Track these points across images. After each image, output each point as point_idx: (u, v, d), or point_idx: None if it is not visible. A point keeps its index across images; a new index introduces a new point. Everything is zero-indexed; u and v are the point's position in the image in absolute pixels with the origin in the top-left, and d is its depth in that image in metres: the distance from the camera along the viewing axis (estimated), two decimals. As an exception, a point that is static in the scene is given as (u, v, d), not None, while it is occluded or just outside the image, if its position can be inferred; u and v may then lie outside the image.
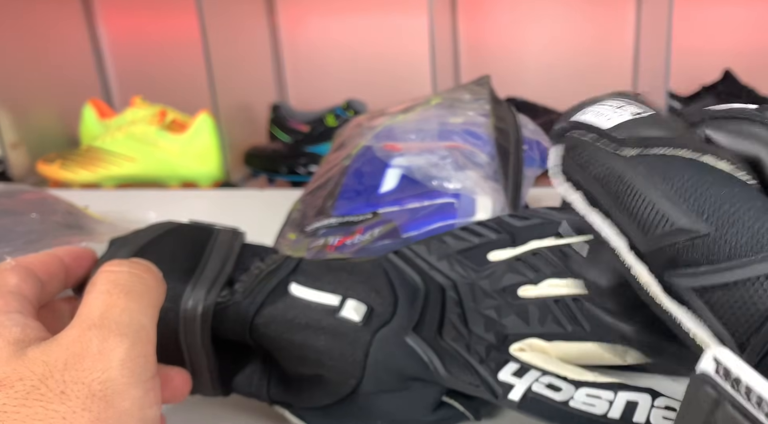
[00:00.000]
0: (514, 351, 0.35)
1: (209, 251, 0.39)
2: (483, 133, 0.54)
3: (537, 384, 0.32)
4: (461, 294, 0.38)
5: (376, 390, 0.35)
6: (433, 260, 0.40)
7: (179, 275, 0.36)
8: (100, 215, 0.64)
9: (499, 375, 0.33)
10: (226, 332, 0.36)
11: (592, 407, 0.31)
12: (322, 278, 0.38)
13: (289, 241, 0.53)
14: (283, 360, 0.36)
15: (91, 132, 1.38)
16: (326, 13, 1.55)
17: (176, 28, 1.59)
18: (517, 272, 0.39)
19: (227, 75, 1.32)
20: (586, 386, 0.32)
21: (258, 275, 0.38)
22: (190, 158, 1.31)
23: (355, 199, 0.53)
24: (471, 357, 0.34)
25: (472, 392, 0.33)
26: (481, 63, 1.49)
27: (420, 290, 0.39)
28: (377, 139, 0.57)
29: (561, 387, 0.32)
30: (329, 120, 1.34)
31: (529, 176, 0.54)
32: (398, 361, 0.34)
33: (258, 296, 0.37)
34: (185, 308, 0.35)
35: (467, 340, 0.35)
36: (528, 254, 0.39)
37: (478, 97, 0.61)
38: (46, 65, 1.46)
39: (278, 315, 0.36)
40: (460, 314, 0.37)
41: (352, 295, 0.37)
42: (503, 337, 0.35)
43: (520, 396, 0.32)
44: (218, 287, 0.36)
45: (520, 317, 0.36)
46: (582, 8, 1.44)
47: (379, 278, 0.39)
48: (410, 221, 0.49)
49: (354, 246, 0.49)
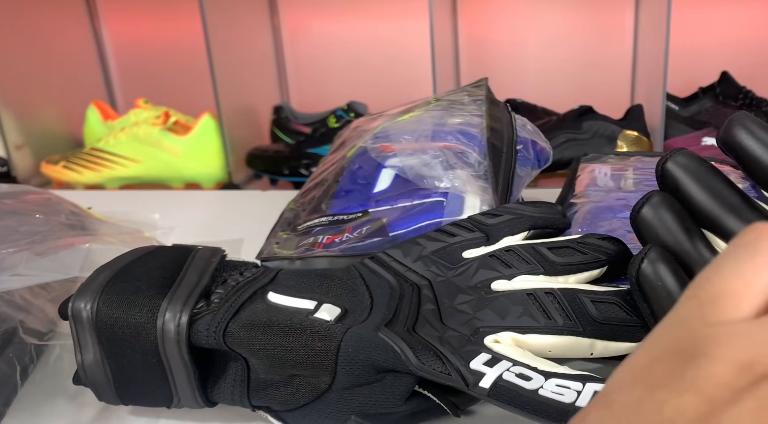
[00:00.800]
0: (488, 343, 0.35)
1: (186, 267, 0.40)
2: (476, 133, 0.55)
3: (508, 373, 0.33)
4: (436, 292, 0.39)
5: (349, 385, 0.35)
6: (408, 262, 0.41)
7: (156, 291, 0.38)
8: (104, 216, 0.65)
9: (470, 364, 0.33)
10: (202, 341, 0.37)
11: (560, 396, 0.31)
12: (298, 287, 0.40)
13: (281, 239, 0.54)
14: (259, 364, 0.37)
15: (94, 133, 1.39)
16: (328, 15, 1.56)
17: (179, 30, 1.60)
18: (490, 268, 0.39)
19: (230, 77, 1.33)
20: (555, 376, 0.32)
21: (235, 286, 0.39)
22: (193, 160, 1.32)
23: (348, 198, 0.54)
24: (443, 348, 0.35)
25: (444, 380, 0.33)
26: (482, 65, 1.50)
27: (395, 290, 0.39)
28: (373, 141, 0.58)
29: (531, 377, 0.32)
30: (331, 122, 1.34)
31: (523, 176, 0.54)
32: (369, 353, 0.35)
33: (234, 305, 0.38)
34: (162, 321, 0.36)
35: (441, 333, 0.36)
36: (501, 250, 0.40)
37: (476, 98, 0.61)
38: (50, 67, 1.46)
39: (253, 319, 0.37)
40: (434, 310, 0.38)
41: (327, 300, 0.38)
42: (477, 330, 0.36)
43: (491, 384, 0.32)
44: (194, 298, 0.38)
45: (494, 311, 0.37)
46: (581, 10, 1.44)
47: (355, 283, 0.40)
48: (398, 219, 0.50)
49: (342, 244, 0.49)
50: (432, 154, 0.53)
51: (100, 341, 0.37)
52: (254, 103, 1.47)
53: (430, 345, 0.35)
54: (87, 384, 0.39)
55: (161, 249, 0.43)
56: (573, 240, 0.41)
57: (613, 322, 0.36)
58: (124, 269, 0.40)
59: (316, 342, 0.35)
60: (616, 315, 0.36)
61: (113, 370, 0.38)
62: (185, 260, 0.41)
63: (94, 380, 0.38)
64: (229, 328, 0.36)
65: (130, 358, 0.37)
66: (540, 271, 0.39)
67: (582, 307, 0.36)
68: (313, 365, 0.35)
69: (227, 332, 0.36)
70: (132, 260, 0.41)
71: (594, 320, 0.36)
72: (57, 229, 0.54)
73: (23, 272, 0.45)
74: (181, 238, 0.67)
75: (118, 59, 1.65)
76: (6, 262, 0.45)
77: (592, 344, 0.35)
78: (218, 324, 0.37)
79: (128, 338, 0.37)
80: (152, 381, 0.38)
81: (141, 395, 0.39)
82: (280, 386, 0.37)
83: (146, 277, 0.39)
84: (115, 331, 0.37)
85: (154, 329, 0.36)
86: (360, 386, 0.35)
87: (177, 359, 0.37)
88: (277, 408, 0.37)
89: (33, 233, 0.51)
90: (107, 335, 0.37)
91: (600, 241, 0.40)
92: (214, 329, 0.36)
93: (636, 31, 1.42)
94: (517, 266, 0.39)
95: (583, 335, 0.35)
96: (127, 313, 0.37)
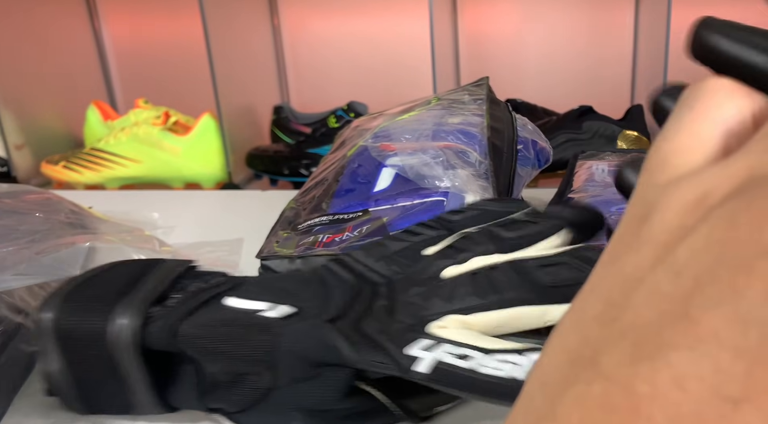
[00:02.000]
0: (433, 329, 0.34)
1: (148, 276, 0.41)
2: (477, 133, 0.55)
3: (446, 355, 0.32)
4: (395, 289, 0.39)
5: (290, 381, 0.35)
6: (371, 262, 0.41)
7: (113, 297, 0.39)
8: (104, 215, 0.65)
9: (408, 351, 0.33)
10: (154, 343, 0.37)
11: (500, 371, 0.31)
12: (259, 291, 0.40)
13: (281, 238, 0.54)
14: (208, 363, 0.37)
15: (94, 133, 1.39)
16: (328, 15, 1.56)
17: (179, 30, 1.60)
18: (446, 257, 0.39)
19: (230, 77, 1.33)
20: (496, 352, 0.32)
21: (194, 292, 0.40)
22: (194, 160, 1.32)
23: (349, 197, 0.54)
24: (382, 338, 0.34)
25: (380, 369, 0.33)
26: (482, 65, 1.50)
27: (352, 290, 0.40)
28: (374, 140, 0.58)
29: (471, 356, 0.32)
30: (331, 122, 1.34)
31: (523, 175, 0.54)
32: (306, 346, 0.35)
33: (187, 307, 0.38)
34: (115, 324, 0.37)
35: (385, 326, 0.36)
36: (458, 239, 0.40)
37: (476, 97, 0.61)
38: (50, 67, 1.46)
39: (203, 320, 0.37)
40: (385, 305, 0.38)
41: (284, 302, 0.39)
42: (422, 318, 0.35)
43: (429, 367, 0.32)
44: (148, 302, 0.38)
45: (441, 298, 0.36)
46: (581, 10, 1.44)
47: (314, 285, 0.41)
48: (399, 218, 0.50)
49: (343, 243, 0.49)
50: (432, 153, 0.53)
51: (62, 350, 0.38)
52: (254, 103, 1.47)
53: (369, 337, 0.34)
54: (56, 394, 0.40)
55: (131, 261, 0.44)
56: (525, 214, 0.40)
57: (565, 283, 0.34)
58: (89, 279, 0.41)
59: (256, 336, 0.36)
60: (568, 276, 0.34)
61: (76, 378, 0.38)
62: (150, 270, 0.42)
63: (60, 390, 0.39)
64: (180, 328, 0.37)
65: (90, 365, 0.38)
66: (492, 250, 0.38)
67: (529, 275, 0.35)
68: (254, 361, 0.36)
69: (178, 333, 0.37)
70: (99, 271, 0.42)
71: (544, 286, 0.34)
72: (57, 228, 0.54)
73: (23, 271, 0.45)
74: (181, 238, 0.67)
75: (118, 59, 1.65)
76: (6, 261, 0.45)
77: (544, 311, 0.34)
78: (171, 325, 0.37)
79: (86, 345, 0.38)
80: (111, 387, 0.38)
81: (102, 403, 0.39)
82: (229, 387, 0.37)
83: (107, 285, 0.40)
84: (74, 338, 0.38)
85: (108, 333, 0.37)
86: (301, 382, 0.35)
87: (131, 362, 0.37)
88: (230, 410, 0.38)
89: (33, 232, 0.51)
90: (68, 343, 0.38)
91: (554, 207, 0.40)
92: (166, 330, 0.37)
93: (636, 31, 1.42)
94: (470, 250, 0.39)
95: (534, 303, 0.34)
96: (84, 319, 0.38)
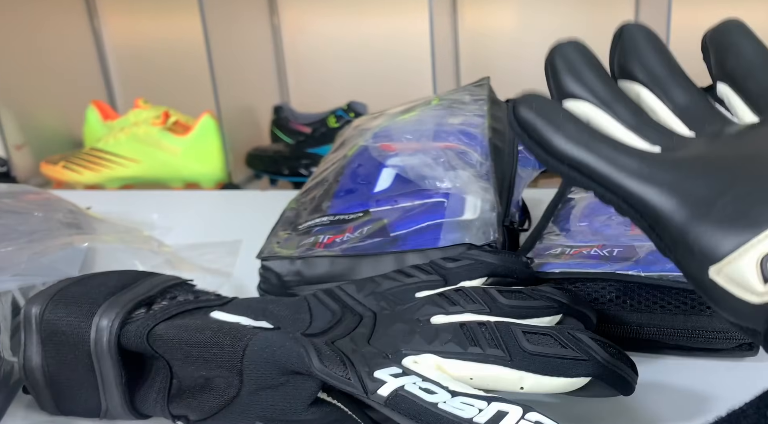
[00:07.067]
0: (405, 362, 0.34)
1: (140, 283, 0.42)
2: (478, 134, 0.55)
3: (411, 385, 0.32)
4: (378, 322, 0.39)
5: (255, 388, 0.35)
6: (360, 297, 0.42)
7: (102, 297, 0.39)
8: (102, 216, 0.65)
9: (375, 373, 0.33)
10: (130, 342, 0.38)
11: (460, 411, 0.30)
12: (244, 310, 0.40)
13: (281, 238, 0.53)
14: (177, 365, 0.37)
15: (94, 133, 1.39)
16: (328, 15, 1.56)
17: (179, 30, 1.60)
18: (435, 305, 0.39)
19: (230, 77, 1.33)
20: (463, 395, 0.31)
21: (181, 301, 0.40)
22: (193, 160, 1.32)
23: (349, 198, 0.54)
24: (353, 356, 0.34)
25: (344, 385, 0.33)
26: (482, 64, 1.50)
27: (335, 317, 0.40)
28: (374, 140, 0.58)
29: (436, 392, 0.31)
30: (331, 121, 1.34)
31: (524, 176, 0.54)
32: (273, 352, 0.35)
33: (168, 312, 0.39)
34: (97, 320, 0.38)
35: (360, 348, 0.35)
36: (451, 290, 0.40)
37: (477, 98, 0.61)
38: (49, 67, 1.46)
39: (180, 323, 0.38)
40: (365, 333, 0.37)
41: (264, 319, 0.39)
42: (398, 350, 0.35)
43: (390, 393, 0.31)
44: (132, 304, 0.39)
45: (423, 337, 0.36)
46: (581, 10, 1.44)
47: (300, 310, 0.41)
48: (400, 219, 0.50)
49: (343, 243, 0.49)
50: (433, 154, 0.53)
51: (44, 344, 0.38)
52: (254, 103, 1.47)
53: (339, 352, 0.34)
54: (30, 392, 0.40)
55: (129, 270, 0.44)
56: (527, 287, 0.40)
57: (545, 354, 0.34)
58: (81, 280, 0.41)
59: (225, 339, 0.36)
60: (549, 348, 0.34)
61: (52, 373, 0.39)
62: (144, 278, 0.42)
63: (34, 385, 0.39)
64: (155, 328, 0.37)
65: (68, 362, 0.38)
66: (485, 311, 0.38)
67: (513, 338, 0.34)
68: (221, 364, 0.36)
69: (152, 333, 0.37)
70: (94, 274, 0.43)
71: (524, 352, 0.34)
72: (56, 228, 0.54)
73: (22, 271, 0.45)
74: (180, 238, 0.67)
75: (118, 59, 1.65)
76: (5, 261, 0.45)
77: (521, 377, 0.34)
78: (147, 326, 0.37)
79: (68, 340, 0.38)
80: (85, 388, 0.39)
81: (75, 404, 0.40)
82: (195, 392, 0.37)
83: (99, 286, 0.40)
84: (57, 332, 0.38)
85: (89, 329, 0.38)
86: (265, 390, 0.35)
87: (107, 361, 0.37)
88: (193, 417, 0.37)
89: (32, 232, 0.51)
90: (50, 337, 0.38)
91: (555, 290, 0.39)
92: (142, 330, 0.37)
93: (636, 32, 1.42)
94: (463, 305, 0.38)
95: (510, 366, 0.34)
96: (69, 313, 0.38)
